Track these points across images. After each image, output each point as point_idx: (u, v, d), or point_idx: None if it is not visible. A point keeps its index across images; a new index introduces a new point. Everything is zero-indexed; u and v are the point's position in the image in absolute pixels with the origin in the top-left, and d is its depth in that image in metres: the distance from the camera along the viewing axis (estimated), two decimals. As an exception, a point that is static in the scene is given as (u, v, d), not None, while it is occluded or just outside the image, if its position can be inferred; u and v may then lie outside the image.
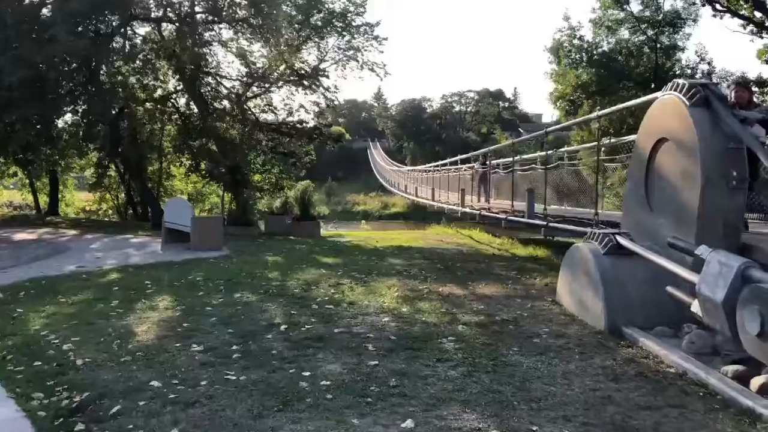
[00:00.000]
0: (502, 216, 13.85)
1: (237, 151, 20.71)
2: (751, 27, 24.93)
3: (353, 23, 24.52)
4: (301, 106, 23.27)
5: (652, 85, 26.25)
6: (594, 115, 9.89)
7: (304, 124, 22.84)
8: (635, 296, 6.65)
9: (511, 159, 15.75)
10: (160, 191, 27.55)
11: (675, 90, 6.93)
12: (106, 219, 29.67)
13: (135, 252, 13.77)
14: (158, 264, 11.68)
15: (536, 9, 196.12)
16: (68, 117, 23.20)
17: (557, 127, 17.61)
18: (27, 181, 30.24)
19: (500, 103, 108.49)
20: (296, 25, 23.36)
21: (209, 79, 23.02)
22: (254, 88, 23.77)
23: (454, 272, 11.10)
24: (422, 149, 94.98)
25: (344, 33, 24.65)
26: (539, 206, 12.29)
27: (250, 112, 23.16)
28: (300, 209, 19.35)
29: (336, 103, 25.31)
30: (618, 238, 6.99)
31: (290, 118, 23.06)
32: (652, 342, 5.93)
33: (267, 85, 23.66)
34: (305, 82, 23.28)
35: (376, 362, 5.48)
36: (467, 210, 18.28)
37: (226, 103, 23.24)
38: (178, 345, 6.08)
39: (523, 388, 4.87)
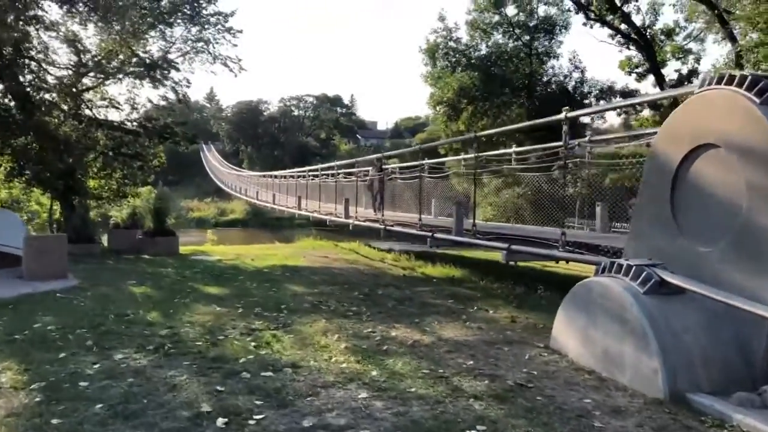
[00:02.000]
0: (426, 234, 12.00)
1: (71, 152, 17.19)
2: (618, 38, 25.46)
3: (203, 12, 21.77)
4: (149, 100, 20.09)
5: (524, 93, 26.08)
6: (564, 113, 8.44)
7: (154, 122, 19.66)
8: (695, 350, 5.10)
9: (417, 163, 13.98)
10: (-38, 198, 22.82)
11: (727, 83, 5.49)
12: None
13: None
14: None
15: (372, 17, 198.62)
16: None
17: (516, 128, 16.00)
18: None
19: (338, 108, 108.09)
20: (140, 10, 20.19)
21: (34, 65, 19.19)
22: (86, 80, 20.20)
23: (382, 303, 9.16)
24: (260, 153, 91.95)
25: (194, 22, 21.80)
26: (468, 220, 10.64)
27: (85, 106, 19.60)
28: (154, 222, 16.34)
29: (188, 99, 22.38)
30: (659, 271, 5.42)
31: (135, 115, 19.78)
32: (754, 419, 4.37)
33: (102, 77, 20.21)
34: (152, 74, 20.14)
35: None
36: (357, 222, 16.29)
37: (55, 95, 19.48)
38: (55, 476, 3.60)
39: None
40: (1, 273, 11.16)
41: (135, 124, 19.29)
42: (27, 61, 18.92)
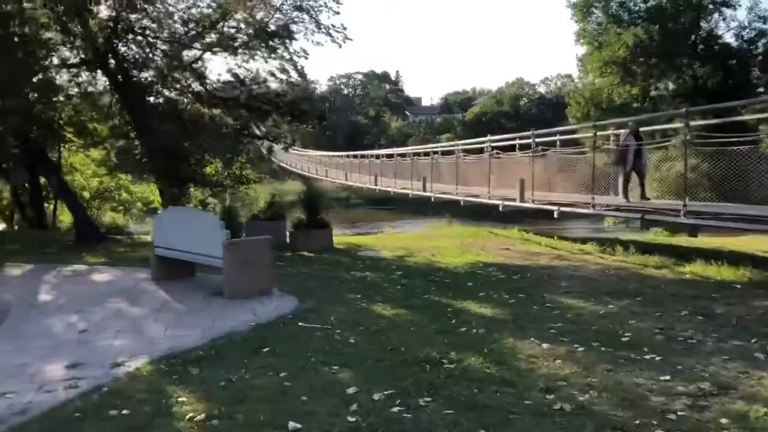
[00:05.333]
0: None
1: (201, 134, 14.84)
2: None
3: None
4: (272, 74, 17.58)
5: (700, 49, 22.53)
6: None
7: (282, 97, 17.18)
8: None
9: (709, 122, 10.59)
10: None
11: None
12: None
13: (132, 309, 7.79)
14: (220, 344, 5.96)
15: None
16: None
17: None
18: None
19: (386, 85, 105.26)
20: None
21: (140, 36, 16.91)
22: (192, 53, 17.77)
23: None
24: (311, 133, 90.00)
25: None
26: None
27: (199, 83, 17.27)
28: (306, 213, 13.97)
29: (305, 72, 19.87)
30: None
31: (259, 90, 17.35)
32: None
33: (212, 48, 17.78)
34: (272, 43, 17.70)
35: None
36: (539, 206, 13.64)
37: (165, 71, 17.12)
38: None
39: None
40: (184, 286, 8.89)
41: (261, 100, 16.84)
42: (132, 35, 16.75)
